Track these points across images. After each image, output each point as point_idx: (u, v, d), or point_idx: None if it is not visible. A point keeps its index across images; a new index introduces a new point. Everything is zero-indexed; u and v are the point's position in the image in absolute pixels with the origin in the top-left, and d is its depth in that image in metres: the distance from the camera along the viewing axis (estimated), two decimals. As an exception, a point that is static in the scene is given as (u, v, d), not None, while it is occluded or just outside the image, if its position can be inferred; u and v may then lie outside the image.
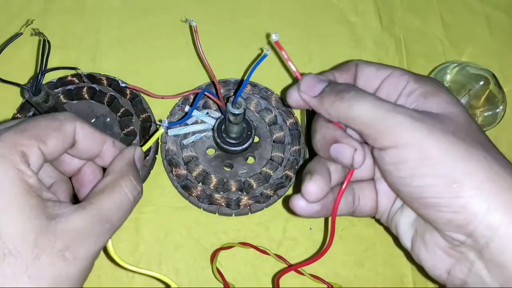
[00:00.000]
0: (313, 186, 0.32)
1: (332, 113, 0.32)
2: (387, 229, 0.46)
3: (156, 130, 0.34)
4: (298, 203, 0.33)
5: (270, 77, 0.51)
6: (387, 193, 0.36)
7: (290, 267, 0.43)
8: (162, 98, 0.45)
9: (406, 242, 0.35)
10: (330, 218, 0.35)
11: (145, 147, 0.36)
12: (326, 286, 0.44)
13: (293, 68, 0.35)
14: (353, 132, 0.33)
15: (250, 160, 0.48)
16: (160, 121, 0.36)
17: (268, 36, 0.52)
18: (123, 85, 0.43)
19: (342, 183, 0.33)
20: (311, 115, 0.47)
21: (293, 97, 0.35)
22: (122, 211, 0.31)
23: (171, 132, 0.47)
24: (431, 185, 0.29)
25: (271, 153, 0.47)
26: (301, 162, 0.47)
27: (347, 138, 0.32)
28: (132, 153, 0.34)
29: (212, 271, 0.43)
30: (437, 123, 0.29)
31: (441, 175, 0.28)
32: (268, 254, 0.44)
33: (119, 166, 0.32)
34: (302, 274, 0.43)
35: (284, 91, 0.35)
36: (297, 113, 0.49)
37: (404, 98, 0.33)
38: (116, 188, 0.31)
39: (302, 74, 0.35)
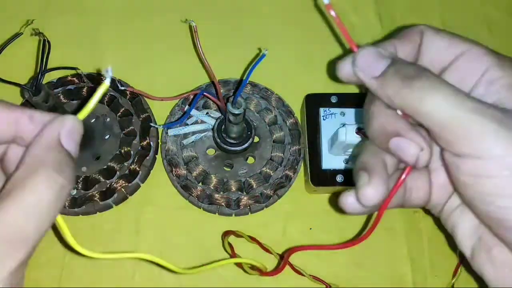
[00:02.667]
0: (372, 191, 0.27)
1: (396, 102, 0.26)
2: (387, 229, 0.46)
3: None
4: (350, 203, 0.28)
5: (270, 77, 0.51)
6: (444, 186, 0.30)
7: (308, 247, 0.42)
8: (162, 100, 0.45)
9: (465, 249, 0.30)
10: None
11: (82, 114, 0.26)
12: (324, 286, 0.44)
13: (346, 36, 0.28)
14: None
15: (250, 160, 0.48)
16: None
17: None
18: (122, 88, 0.42)
19: (398, 179, 0.28)
20: (310, 115, 0.47)
21: (345, 71, 0.28)
22: (39, 217, 0.23)
23: (171, 132, 0.47)
24: None
25: (271, 153, 0.47)
26: (301, 162, 0.47)
27: (412, 133, 0.26)
28: (55, 130, 0.25)
29: (223, 245, 0.43)
30: None
31: None
32: (271, 253, 0.44)
33: (32, 154, 0.24)
34: (302, 274, 0.43)
35: (334, 63, 0.30)
36: (297, 113, 0.49)
37: (483, 87, 0.27)
38: (28, 188, 0.22)
39: (358, 46, 0.28)
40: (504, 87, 0.26)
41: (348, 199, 0.28)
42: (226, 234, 0.44)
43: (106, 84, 0.25)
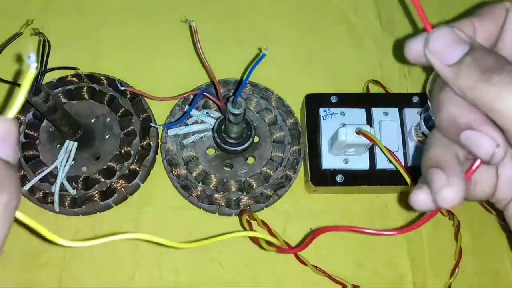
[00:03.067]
0: (453, 194, 0.24)
1: (469, 95, 0.24)
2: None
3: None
4: (422, 201, 0.25)
5: (270, 77, 0.51)
6: None
7: (341, 227, 0.42)
8: (162, 100, 0.45)
9: None
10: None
11: (11, 113, 0.23)
12: (340, 286, 0.44)
13: (420, 11, 0.26)
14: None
15: (250, 160, 0.48)
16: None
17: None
18: (122, 88, 0.43)
19: (466, 173, 0.25)
20: (310, 115, 0.47)
21: (415, 52, 0.26)
22: None
23: (171, 132, 0.47)
24: None
25: (271, 153, 0.47)
26: (301, 162, 0.47)
27: (488, 126, 0.23)
28: None
29: (242, 222, 0.42)
30: None
31: None
32: (277, 238, 0.43)
33: None
34: (305, 264, 0.43)
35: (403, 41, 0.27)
36: (297, 113, 0.49)
37: None
38: None
39: (434, 27, 0.25)
40: None
41: (420, 196, 0.25)
42: (243, 212, 0.43)
43: (31, 72, 0.22)
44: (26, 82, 0.22)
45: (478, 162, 0.25)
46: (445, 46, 0.24)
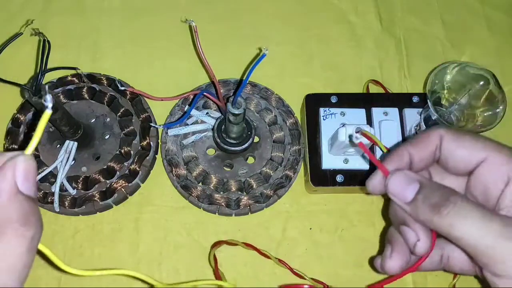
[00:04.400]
0: (391, 264, 0.31)
1: (430, 226, 0.28)
2: (387, 229, 0.46)
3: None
4: (377, 265, 0.33)
5: (270, 77, 0.51)
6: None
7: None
8: (162, 100, 0.45)
9: None
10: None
11: (29, 149, 0.24)
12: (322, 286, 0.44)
13: (376, 162, 0.30)
14: None
15: (250, 160, 0.48)
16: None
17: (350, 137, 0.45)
18: (122, 88, 0.43)
19: (415, 263, 0.31)
20: (310, 115, 0.47)
21: (377, 190, 0.31)
22: (18, 272, 0.23)
23: (171, 132, 0.47)
24: None
25: (271, 153, 0.47)
26: (301, 162, 0.47)
27: (415, 225, 0.29)
28: (11, 180, 0.23)
29: (209, 257, 0.43)
30: None
31: None
32: (270, 257, 0.44)
33: None
34: (304, 278, 0.43)
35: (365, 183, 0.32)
36: (297, 113, 0.49)
37: (508, 199, 0.28)
38: (1, 248, 0.23)
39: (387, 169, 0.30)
40: None
41: (378, 262, 0.33)
42: (216, 245, 0.44)
43: (47, 113, 0.24)
44: (43, 122, 0.24)
45: (421, 259, 0.30)
46: (400, 187, 0.29)
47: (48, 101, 0.24)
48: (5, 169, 0.23)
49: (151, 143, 0.47)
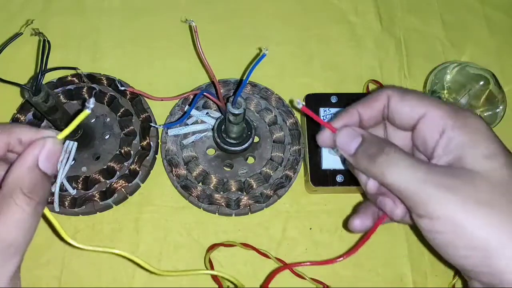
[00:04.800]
0: (357, 222, 0.36)
1: (368, 175, 0.33)
2: (387, 229, 0.46)
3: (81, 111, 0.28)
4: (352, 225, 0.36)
5: (270, 77, 0.51)
6: None
7: (287, 265, 0.43)
8: (162, 100, 0.45)
9: None
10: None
11: (62, 134, 0.29)
12: (322, 286, 0.44)
13: (322, 122, 0.34)
14: None
15: (250, 160, 0.48)
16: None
17: (291, 102, 0.49)
18: (122, 88, 0.42)
19: (375, 224, 0.35)
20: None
21: (326, 144, 0.35)
22: (24, 230, 0.27)
23: (171, 132, 0.47)
24: (467, 256, 0.29)
25: (271, 153, 0.47)
26: (301, 162, 0.47)
27: (390, 194, 0.32)
28: (35, 153, 0.28)
29: (204, 260, 0.43)
30: (471, 191, 0.28)
31: (475, 248, 0.28)
32: (269, 257, 0.44)
33: (11, 176, 0.28)
34: (304, 278, 0.43)
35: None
36: (297, 113, 0.49)
37: (440, 149, 0.31)
38: (10, 206, 0.27)
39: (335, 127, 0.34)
40: (457, 147, 0.30)
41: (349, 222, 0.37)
42: (211, 248, 0.44)
43: (87, 111, 0.28)
44: (81, 117, 0.28)
45: (380, 218, 0.35)
46: (345, 141, 0.33)
47: (91, 103, 0.27)
48: (35, 145, 0.28)
49: (151, 143, 0.47)
